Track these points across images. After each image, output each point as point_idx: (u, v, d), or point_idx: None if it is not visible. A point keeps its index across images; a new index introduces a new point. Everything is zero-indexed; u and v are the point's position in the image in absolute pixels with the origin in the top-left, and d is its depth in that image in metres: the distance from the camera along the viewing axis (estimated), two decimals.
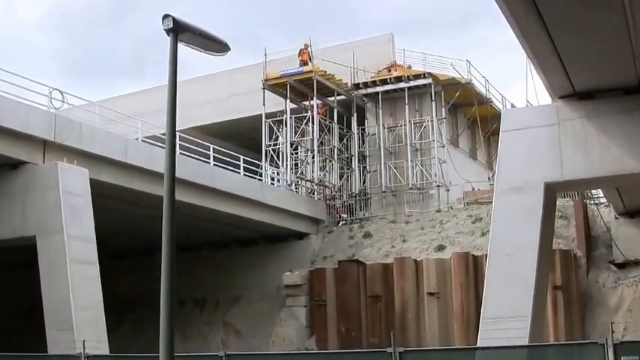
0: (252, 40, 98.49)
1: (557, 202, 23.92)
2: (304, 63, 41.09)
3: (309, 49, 41.44)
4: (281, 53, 42.83)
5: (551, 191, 19.52)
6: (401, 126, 40.80)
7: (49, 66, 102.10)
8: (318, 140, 40.13)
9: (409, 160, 39.84)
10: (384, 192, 40.25)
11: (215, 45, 12.51)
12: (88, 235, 23.51)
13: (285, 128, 40.62)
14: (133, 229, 32.99)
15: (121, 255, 38.61)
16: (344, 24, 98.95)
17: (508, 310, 18.23)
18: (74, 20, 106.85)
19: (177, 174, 12.16)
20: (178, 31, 11.90)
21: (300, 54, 41.45)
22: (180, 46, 12.12)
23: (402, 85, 40.63)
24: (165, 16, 11.80)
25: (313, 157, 40.02)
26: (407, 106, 40.33)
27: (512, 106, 41.15)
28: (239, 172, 34.27)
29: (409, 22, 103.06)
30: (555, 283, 28.26)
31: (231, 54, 12.56)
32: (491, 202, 20.27)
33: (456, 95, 41.11)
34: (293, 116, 40.42)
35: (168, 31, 11.88)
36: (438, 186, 39.26)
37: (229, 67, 45.11)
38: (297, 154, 41.54)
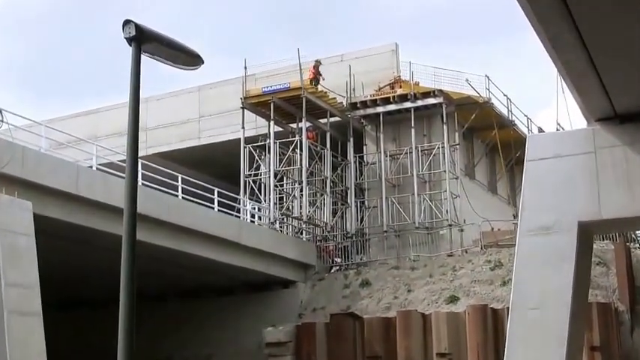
0: (243, 52, 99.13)
1: (595, 246, 23.86)
2: (317, 81, 41.07)
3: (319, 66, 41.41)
4: (264, 66, 42.91)
5: (587, 232, 19.44)
6: (406, 153, 40.86)
7: (4, 76, 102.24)
8: (308, 170, 40.09)
9: (416, 195, 39.82)
10: (386, 232, 40.20)
11: (186, 57, 12.48)
12: (31, 281, 23.28)
13: (268, 155, 40.59)
14: (84, 275, 32.85)
15: (70, 305, 38.39)
16: (343, 34, 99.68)
17: None
18: (33, 23, 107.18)
19: (139, 209, 12.09)
20: (142, 40, 11.86)
21: (315, 69, 41.17)
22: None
23: (407, 104, 40.73)
24: (126, 22, 11.76)
25: (301, 190, 39.97)
26: (413, 130, 40.39)
27: (540, 130, 41.24)
28: (213, 208, 34.22)
29: (419, 30, 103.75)
30: (592, 343, 28.20)
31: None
32: (514, 244, 20.18)
33: (473, 117, 41.22)
34: (277, 141, 40.40)
35: (129, 40, 11.84)
36: (450, 225, 39.19)
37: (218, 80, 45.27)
38: (282, 186, 41.52)
